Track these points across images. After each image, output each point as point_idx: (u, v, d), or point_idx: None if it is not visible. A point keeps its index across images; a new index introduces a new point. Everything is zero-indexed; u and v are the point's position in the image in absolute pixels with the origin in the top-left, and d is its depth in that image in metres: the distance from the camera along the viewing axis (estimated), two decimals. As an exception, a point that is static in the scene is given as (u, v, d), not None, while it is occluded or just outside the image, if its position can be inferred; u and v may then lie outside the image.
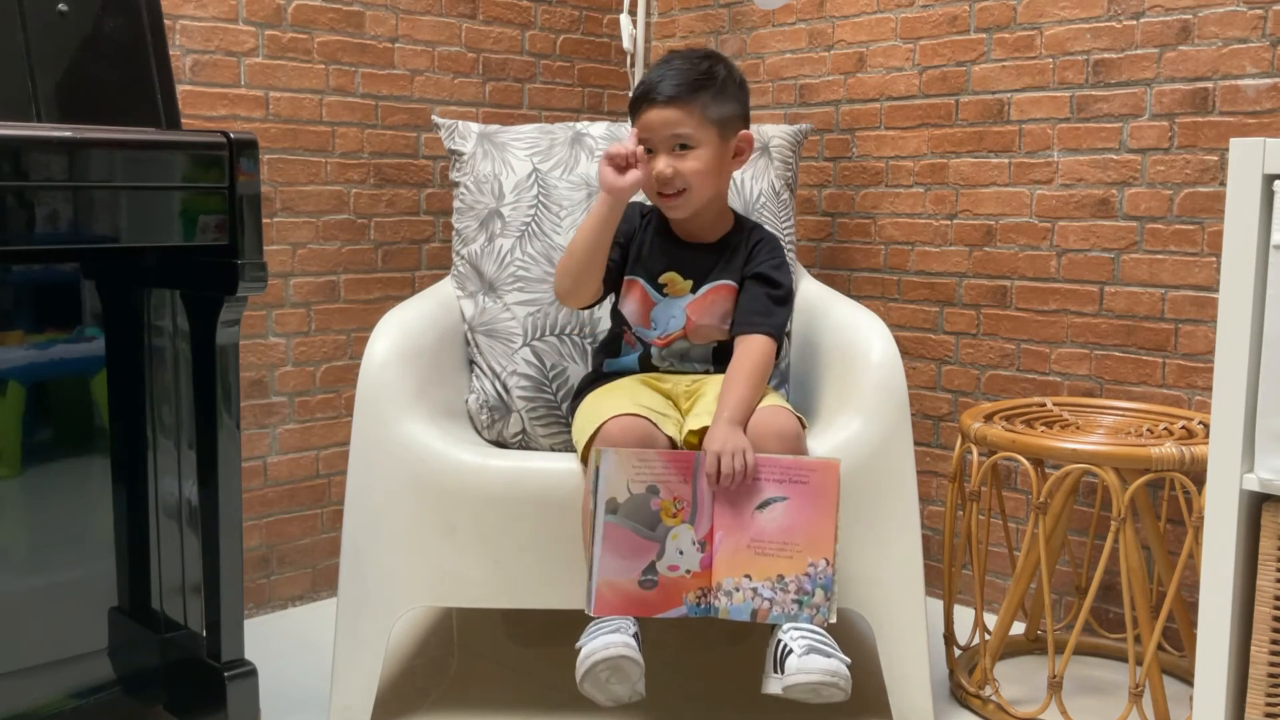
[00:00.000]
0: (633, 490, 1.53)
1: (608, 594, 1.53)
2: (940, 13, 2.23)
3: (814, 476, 1.55)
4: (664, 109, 1.70)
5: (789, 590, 1.55)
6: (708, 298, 1.76)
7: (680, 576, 1.56)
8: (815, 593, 1.54)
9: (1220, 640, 1.29)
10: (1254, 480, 1.26)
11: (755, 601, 1.55)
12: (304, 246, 2.19)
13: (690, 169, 1.70)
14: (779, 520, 1.55)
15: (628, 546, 1.54)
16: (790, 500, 1.55)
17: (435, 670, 1.98)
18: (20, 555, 1.50)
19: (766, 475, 1.56)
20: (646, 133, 1.71)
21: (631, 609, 1.54)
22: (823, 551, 1.54)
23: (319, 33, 2.18)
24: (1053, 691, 1.74)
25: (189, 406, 1.57)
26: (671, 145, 1.70)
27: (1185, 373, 1.98)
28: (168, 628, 1.63)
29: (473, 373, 1.93)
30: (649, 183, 1.71)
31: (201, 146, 1.43)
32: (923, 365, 2.31)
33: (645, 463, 1.54)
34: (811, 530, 1.55)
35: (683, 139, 1.70)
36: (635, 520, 1.54)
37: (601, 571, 1.53)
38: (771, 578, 1.55)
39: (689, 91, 1.70)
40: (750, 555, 1.56)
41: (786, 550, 1.55)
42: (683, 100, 1.70)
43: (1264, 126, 1.87)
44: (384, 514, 1.69)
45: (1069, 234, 2.10)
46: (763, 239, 1.80)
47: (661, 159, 1.70)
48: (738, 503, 1.56)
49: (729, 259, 1.77)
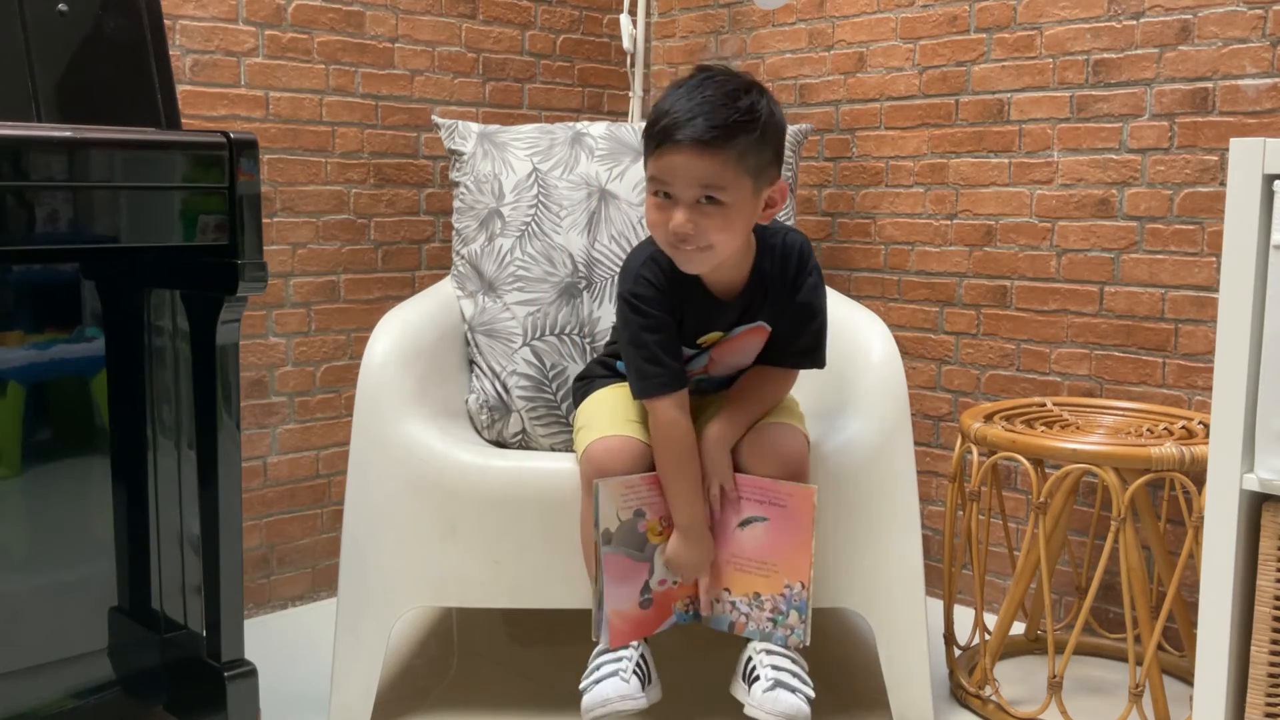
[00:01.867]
0: (622, 518, 1.54)
1: (619, 624, 1.55)
2: (940, 13, 2.23)
3: (790, 501, 1.55)
4: (692, 155, 1.41)
5: (764, 608, 1.57)
6: (739, 341, 1.61)
7: (669, 589, 1.59)
8: (790, 614, 1.56)
9: (1220, 640, 1.29)
10: (1254, 480, 1.26)
11: (732, 614, 1.59)
12: (304, 246, 2.19)
13: (716, 229, 1.44)
14: (759, 539, 1.56)
15: (624, 572, 1.55)
16: (770, 521, 1.56)
17: (435, 670, 1.98)
18: (20, 555, 1.50)
19: (749, 494, 1.57)
20: (666, 176, 1.44)
21: (639, 631, 1.56)
22: (798, 575, 1.55)
23: (319, 33, 2.18)
24: (1053, 691, 1.74)
25: (189, 406, 1.57)
26: (697, 197, 1.43)
27: (1185, 373, 1.98)
28: (168, 628, 1.63)
29: (473, 373, 1.93)
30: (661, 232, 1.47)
31: (201, 146, 1.43)
32: (923, 365, 2.31)
33: (631, 489, 1.55)
34: (788, 553, 1.55)
35: (711, 191, 1.43)
36: (627, 545, 1.55)
37: (610, 602, 1.54)
38: (749, 594, 1.57)
39: (725, 137, 1.41)
40: (730, 570, 1.58)
41: (764, 569, 1.56)
42: (717, 147, 1.41)
43: (1264, 126, 1.87)
44: (384, 514, 1.69)
45: (1069, 234, 2.10)
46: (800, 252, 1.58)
47: (682, 212, 1.43)
48: (721, 518, 1.58)
49: (758, 300, 1.58)
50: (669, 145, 1.42)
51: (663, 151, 1.43)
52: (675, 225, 1.44)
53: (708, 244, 1.45)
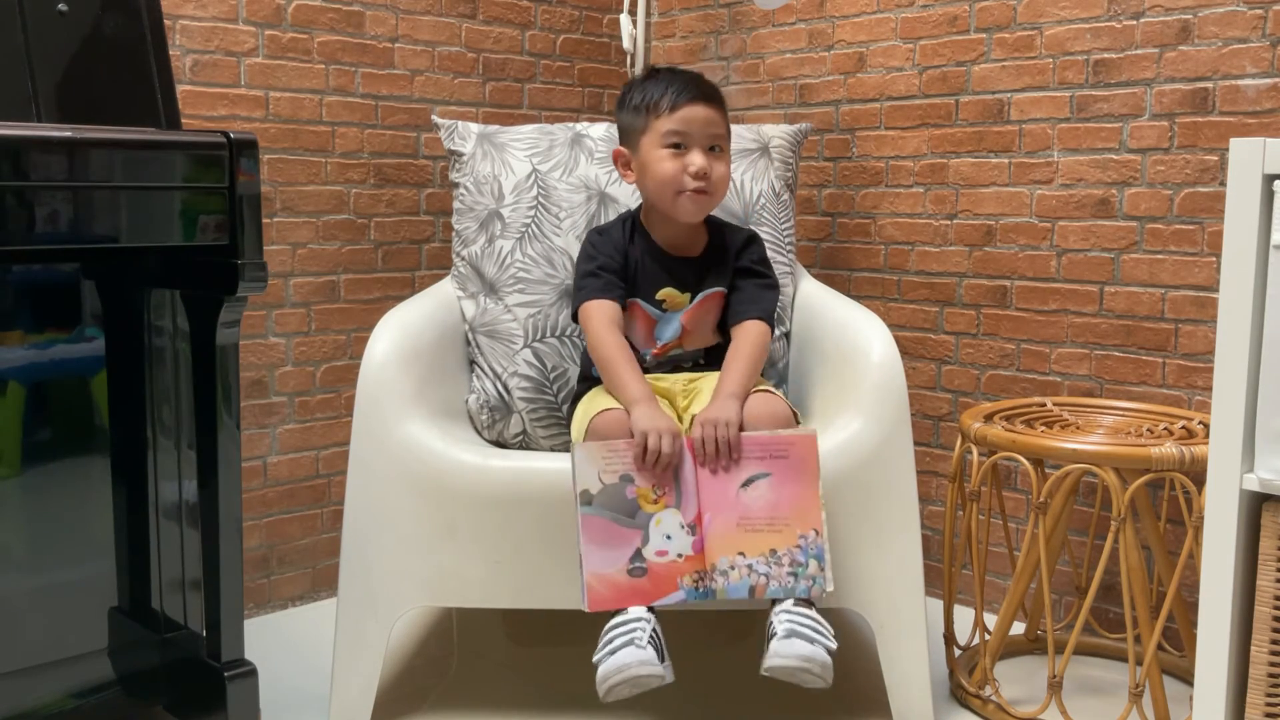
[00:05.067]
0: (605, 480, 1.54)
1: (598, 586, 1.53)
2: (940, 13, 2.23)
3: (793, 449, 1.56)
4: (708, 108, 1.72)
5: (783, 564, 1.55)
6: (702, 306, 1.78)
7: (672, 561, 1.55)
8: (809, 564, 1.55)
9: (1220, 640, 1.29)
10: (1254, 480, 1.26)
11: (751, 578, 1.55)
12: (304, 246, 2.19)
13: (722, 175, 1.73)
14: (765, 496, 1.56)
15: (607, 536, 1.54)
16: (773, 475, 1.56)
17: (435, 670, 1.98)
18: (20, 555, 1.50)
19: (748, 453, 1.57)
20: (685, 127, 1.70)
21: (625, 599, 1.53)
22: (810, 523, 1.55)
23: (319, 33, 2.18)
24: (1053, 691, 1.74)
25: (189, 406, 1.57)
26: (709, 145, 1.72)
27: (1185, 373, 1.98)
28: (168, 628, 1.63)
29: (473, 373, 1.93)
30: (676, 178, 1.70)
31: (201, 146, 1.43)
32: (923, 365, 2.31)
33: (616, 453, 1.55)
34: (797, 503, 1.55)
35: (718, 141, 1.73)
36: (612, 510, 1.54)
37: (587, 564, 1.53)
38: (764, 553, 1.55)
39: (721, 99, 1.75)
40: (741, 533, 1.56)
41: (775, 525, 1.56)
42: (719, 105, 1.74)
43: (1264, 126, 1.87)
44: (384, 514, 1.69)
45: (1069, 234, 2.10)
46: (748, 237, 1.84)
47: (699, 154, 1.71)
48: (723, 483, 1.57)
49: (718, 266, 1.80)
50: (686, 101, 1.70)
51: (680, 105, 1.70)
52: (695, 164, 1.69)
53: (714, 187, 1.72)
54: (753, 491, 1.56)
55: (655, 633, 1.52)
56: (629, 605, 1.53)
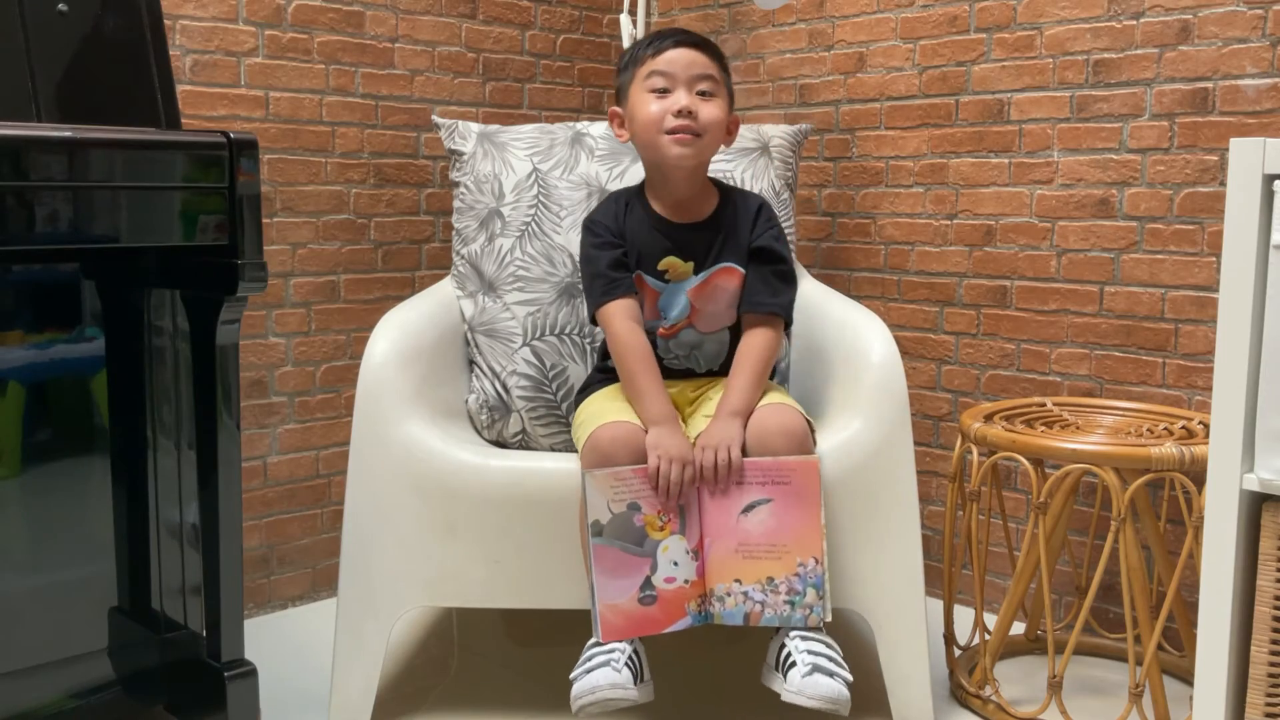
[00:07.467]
0: (614, 510, 1.53)
1: (611, 617, 1.53)
2: (940, 13, 2.23)
3: (794, 476, 1.55)
4: (691, 50, 1.67)
5: (780, 591, 1.54)
6: (712, 283, 1.71)
7: (680, 588, 1.56)
8: (806, 592, 1.54)
9: (1220, 640, 1.29)
10: (1254, 480, 1.26)
11: (747, 605, 1.56)
12: (304, 246, 2.19)
13: (711, 116, 1.66)
14: (765, 522, 1.55)
15: (619, 566, 1.54)
16: (775, 501, 1.55)
17: (435, 670, 1.98)
18: (20, 555, 1.50)
19: (749, 478, 1.56)
20: (668, 68, 1.66)
21: (637, 629, 1.54)
22: (811, 550, 1.54)
23: (319, 33, 2.18)
24: (1053, 691, 1.74)
25: (189, 406, 1.57)
26: (694, 87, 1.66)
27: (1185, 373, 1.98)
28: (168, 628, 1.63)
29: (473, 373, 1.93)
30: (659, 118, 1.65)
31: (201, 146, 1.43)
32: (923, 365, 2.31)
33: (623, 481, 1.54)
34: (798, 530, 1.54)
35: (704, 85, 1.67)
36: (622, 539, 1.54)
37: (600, 595, 1.53)
38: (761, 580, 1.55)
39: (709, 45, 1.70)
40: (739, 559, 1.56)
41: (775, 552, 1.55)
42: (709, 49, 1.69)
43: (1264, 126, 1.87)
44: (384, 514, 1.69)
45: (1069, 234, 2.10)
46: (761, 206, 1.76)
47: (684, 94, 1.65)
48: (723, 508, 1.56)
49: (730, 236, 1.72)
50: (669, 44, 1.67)
51: (663, 48, 1.67)
52: (680, 103, 1.64)
53: (702, 130, 1.65)
54: (754, 516, 1.56)
55: (635, 655, 1.53)
56: (641, 634, 1.54)
